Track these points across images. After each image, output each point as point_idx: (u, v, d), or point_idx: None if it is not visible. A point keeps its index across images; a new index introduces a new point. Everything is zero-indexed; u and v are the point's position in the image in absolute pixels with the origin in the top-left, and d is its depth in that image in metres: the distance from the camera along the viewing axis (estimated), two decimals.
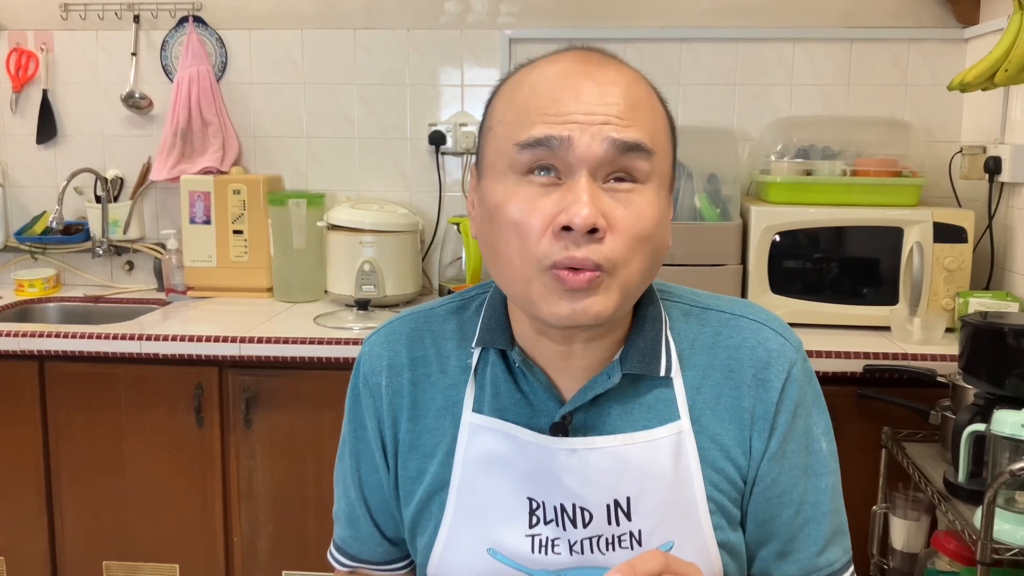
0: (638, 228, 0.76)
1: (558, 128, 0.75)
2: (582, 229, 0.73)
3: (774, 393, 0.85)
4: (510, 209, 0.76)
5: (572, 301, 0.75)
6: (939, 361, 1.82)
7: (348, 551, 1.00)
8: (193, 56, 2.49)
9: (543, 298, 0.76)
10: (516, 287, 0.78)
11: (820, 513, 0.87)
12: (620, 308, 0.78)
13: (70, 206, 2.60)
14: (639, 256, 0.77)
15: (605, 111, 0.75)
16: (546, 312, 0.76)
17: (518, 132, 0.77)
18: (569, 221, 0.73)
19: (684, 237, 2.06)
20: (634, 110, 0.77)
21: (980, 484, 1.41)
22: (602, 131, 0.75)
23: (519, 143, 0.76)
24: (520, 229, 0.76)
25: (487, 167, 0.81)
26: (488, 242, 0.81)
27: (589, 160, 0.75)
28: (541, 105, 0.76)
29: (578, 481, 0.83)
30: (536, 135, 0.75)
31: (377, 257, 2.28)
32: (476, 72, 2.49)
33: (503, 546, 0.86)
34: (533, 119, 0.76)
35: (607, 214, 0.75)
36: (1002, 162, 2.07)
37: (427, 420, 0.89)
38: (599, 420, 0.84)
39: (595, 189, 0.75)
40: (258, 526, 2.05)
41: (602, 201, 0.75)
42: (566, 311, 0.75)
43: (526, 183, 0.76)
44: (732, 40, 2.41)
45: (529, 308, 0.79)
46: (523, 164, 0.76)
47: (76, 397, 2.04)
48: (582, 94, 0.76)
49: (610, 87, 0.77)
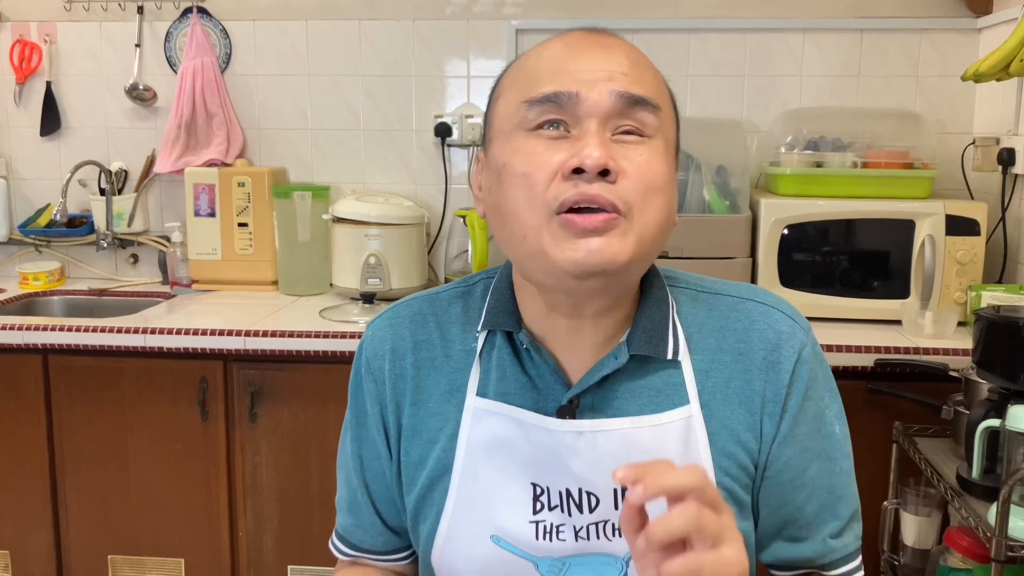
0: (650, 176, 0.76)
1: (566, 84, 0.76)
2: (594, 169, 0.73)
3: (785, 375, 0.84)
4: (518, 163, 0.76)
5: (587, 242, 0.73)
6: (951, 355, 1.80)
7: (349, 540, 0.99)
8: (197, 47, 2.48)
9: (555, 244, 0.74)
10: (525, 243, 0.76)
11: (835, 497, 0.86)
12: (635, 258, 0.76)
13: (74, 199, 2.59)
14: (653, 206, 0.76)
15: (611, 67, 0.77)
16: (560, 258, 0.74)
17: (527, 91, 0.77)
18: (580, 162, 0.73)
19: (693, 229, 2.04)
20: (639, 69, 0.78)
21: (994, 480, 1.40)
22: (609, 85, 0.76)
23: (527, 99, 0.77)
24: (528, 179, 0.75)
25: (494, 133, 0.81)
26: (497, 206, 0.80)
27: (598, 111, 0.75)
28: (549, 67, 0.78)
29: (585, 464, 0.82)
30: (545, 91, 0.76)
31: (383, 250, 2.26)
32: (482, 63, 2.47)
33: (507, 533, 0.84)
34: (542, 79, 0.77)
35: (618, 161, 0.75)
36: (1016, 154, 2.05)
37: (430, 404, 0.88)
38: (606, 402, 0.83)
39: (605, 137, 0.75)
40: (263, 520, 2.04)
41: (612, 149, 0.75)
42: (581, 254, 0.73)
43: (535, 137, 0.77)
44: (741, 31, 2.39)
45: (541, 262, 0.76)
46: (531, 120, 0.77)
47: (80, 391, 2.03)
48: (589, 55, 0.78)
49: (615, 49, 0.79)
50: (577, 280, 0.76)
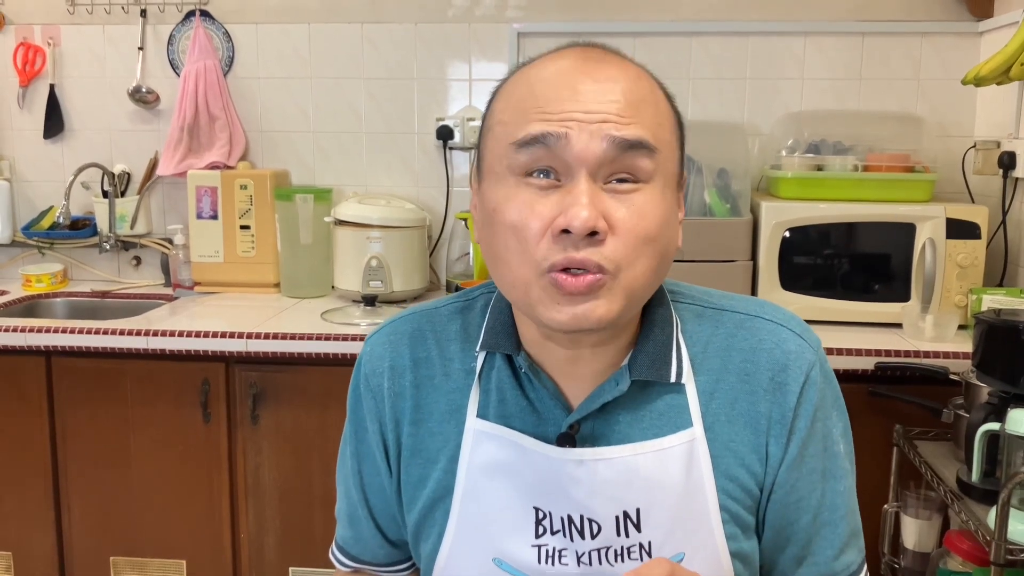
0: (641, 229, 0.73)
1: (555, 126, 0.72)
2: (581, 232, 0.70)
3: (792, 397, 0.82)
4: (508, 212, 0.74)
5: (573, 306, 0.72)
6: (951, 359, 1.80)
7: (349, 552, 0.99)
8: (200, 50, 2.48)
9: (542, 303, 0.74)
10: (516, 291, 0.76)
11: (837, 516, 0.86)
12: (625, 312, 0.75)
13: (77, 201, 2.59)
14: (644, 258, 0.74)
15: (604, 108, 0.72)
16: (546, 318, 0.74)
17: (515, 131, 0.74)
18: (568, 224, 0.71)
19: (694, 233, 2.04)
20: (635, 107, 0.74)
21: (994, 484, 1.40)
22: (601, 129, 0.72)
23: (516, 142, 0.74)
24: (518, 232, 0.73)
25: (487, 170, 0.79)
26: (488, 245, 0.79)
27: (588, 160, 0.72)
28: (539, 104, 0.74)
29: (585, 492, 0.81)
30: (533, 132, 0.73)
31: (384, 252, 2.26)
32: (484, 66, 2.48)
33: (509, 556, 0.84)
34: (530, 117, 0.74)
35: (608, 215, 0.72)
36: (1016, 157, 2.04)
37: (430, 424, 0.87)
38: (607, 429, 0.82)
39: (595, 190, 0.72)
40: (265, 522, 2.04)
41: (603, 202, 0.72)
42: (567, 316, 0.73)
43: (524, 185, 0.74)
44: (742, 34, 2.39)
45: (530, 313, 0.76)
46: (521, 166, 0.74)
47: (83, 393, 2.03)
48: (580, 92, 0.73)
49: (610, 84, 0.74)
50: (568, 335, 0.76)
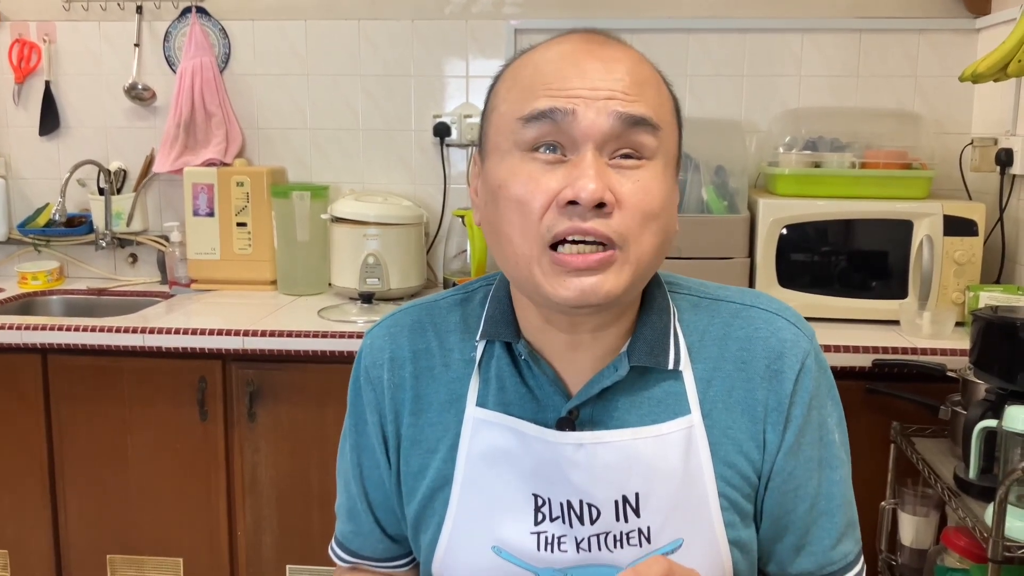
0: (646, 204, 0.74)
1: (562, 102, 0.73)
2: (589, 203, 0.71)
3: (788, 385, 0.83)
4: (513, 186, 0.74)
5: (579, 280, 0.73)
6: (949, 356, 1.80)
7: (349, 547, 0.99)
8: (196, 47, 2.48)
9: (546, 280, 0.74)
10: (519, 269, 0.76)
11: (834, 506, 0.86)
12: (631, 289, 0.75)
13: (73, 198, 2.59)
14: (649, 233, 0.75)
15: (610, 86, 0.74)
16: (551, 293, 0.74)
17: (522, 107, 0.75)
18: (575, 195, 0.71)
19: (691, 230, 2.04)
20: (639, 86, 0.75)
21: (991, 481, 1.40)
22: (608, 105, 0.73)
23: (523, 116, 0.74)
24: (523, 206, 0.74)
25: (491, 148, 0.79)
26: (491, 224, 0.79)
27: (595, 134, 0.73)
28: (546, 81, 0.75)
29: (585, 477, 0.81)
30: (540, 107, 0.73)
31: (381, 250, 2.26)
32: (481, 63, 2.47)
33: (508, 543, 0.84)
34: (538, 94, 0.74)
35: (614, 189, 0.73)
36: (1014, 154, 2.04)
37: (430, 414, 0.88)
38: (606, 414, 0.82)
39: (601, 164, 0.73)
40: (262, 520, 2.04)
41: (609, 177, 0.73)
42: (573, 292, 0.73)
43: (530, 160, 0.75)
44: (740, 31, 2.39)
45: (533, 292, 0.76)
46: (527, 140, 0.74)
47: (79, 390, 2.03)
48: (586, 71, 0.74)
49: (614, 64, 0.75)
50: (572, 310, 0.76)
